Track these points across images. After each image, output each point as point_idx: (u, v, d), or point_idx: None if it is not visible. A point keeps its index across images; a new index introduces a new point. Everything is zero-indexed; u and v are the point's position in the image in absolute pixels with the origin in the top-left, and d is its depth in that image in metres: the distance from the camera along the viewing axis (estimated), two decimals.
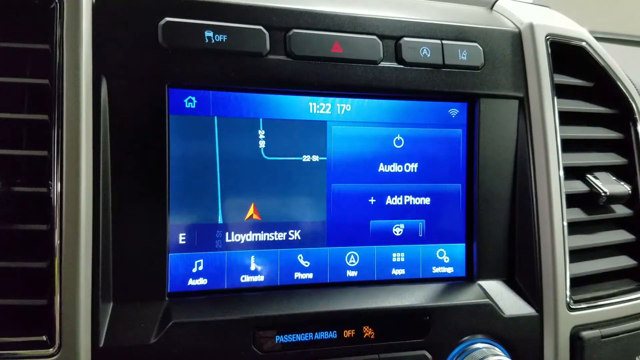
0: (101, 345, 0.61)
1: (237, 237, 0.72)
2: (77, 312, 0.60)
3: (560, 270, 0.78)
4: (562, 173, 0.79)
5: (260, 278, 0.73)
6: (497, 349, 0.74)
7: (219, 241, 0.71)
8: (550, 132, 0.79)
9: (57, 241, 0.60)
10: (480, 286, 0.78)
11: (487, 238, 0.80)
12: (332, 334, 0.70)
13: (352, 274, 0.77)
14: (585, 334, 0.77)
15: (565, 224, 0.79)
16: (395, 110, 0.77)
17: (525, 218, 0.80)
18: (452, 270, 0.81)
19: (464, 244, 0.81)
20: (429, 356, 0.72)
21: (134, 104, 0.65)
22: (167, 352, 0.63)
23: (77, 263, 0.61)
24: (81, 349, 0.60)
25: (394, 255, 0.78)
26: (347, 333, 0.70)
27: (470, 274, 0.80)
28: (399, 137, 0.77)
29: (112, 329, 0.63)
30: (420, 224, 0.79)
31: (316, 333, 0.69)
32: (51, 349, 0.59)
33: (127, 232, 0.65)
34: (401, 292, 0.76)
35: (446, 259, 0.80)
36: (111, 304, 0.65)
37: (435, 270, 0.80)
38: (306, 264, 0.75)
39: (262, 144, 0.72)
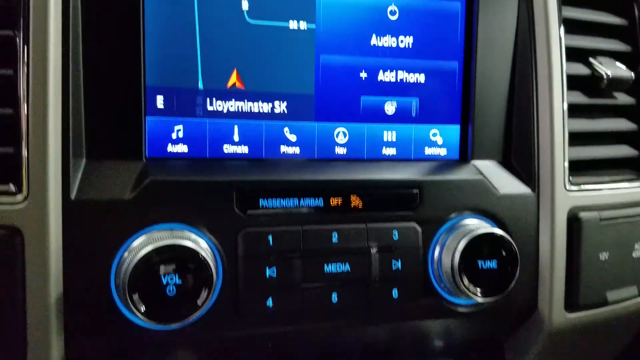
0: (72, 197, 0.58)
1: (219, 105, 0.68)
2: (45, 162, 0.57)
3: (559, 152, 0.74)
4: (564, 53, 0.76)
5: (244, 149, 0.69)
6: (488, 224, 0.71)
7: (200, 108, 0.68)
8: (552, 9, 0.75)
9: (23, 87, 0.56)
10: (474, 165, 0.75)
11: (483, 119, 0.76)
12: (319, 202, 0.66)
13: (340, 151, 0.73)
14: (584, 215, 0.74)
15: (565, 106, 0.75)
16: None
17: (524, 99, 0.76)
18: (446, 152, 0.77)
19: (459, 125, 0.77)
20: (419, 229, 0.69)
21: None
22: (144, 209, 0.60)
23: (46, 111, 0.57)
24: (50, 199, 0.57)
25: (385, 133, 0.75)
26: (334, 201, 0.67)
27: (465, 156, 0.77)
28: (393, 8, 0.73)
29: (84, 183, 0.60)
30: (414, 102, 0.75)
31: (302, 199, 0.66)
32: (19, 196, 0.56)
33: (100, 86, 0.62)
34: (391, 167, 0.72)
35: (439, 140, 0.77)
36: (84, 159, 0.61)
37: (428, 151, 0.77)
38: (293, 138, 0.71)
39: (245, 5, 0.68)
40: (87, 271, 0.58)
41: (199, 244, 0.60)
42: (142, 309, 0.55)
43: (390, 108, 0.75)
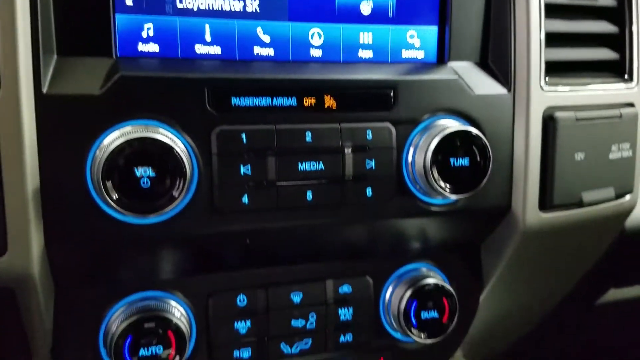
0: (44, 91, 0.58)
1: (189, 3, 0.67)
2: (16, 56, 0.56)
3: (535, 52, 0.74)
4: None
5: (217, 50, 0.69)
6: (462, 124, 0.71)
7: (169, 5, 0.66)
8: None
9: None
10: (451, 67, 0.75)
11: (461, 20, 0.75)
12: (292, 101, 0.66)
13: (316, 53, 0.72)
14: (559, 114, 0.74)
15: (542, 4, 0.74)
16: None
17: None
18: (423, 56, 0.77)
19: (437, 27, 0.76)
20: (392, 129, 0.69)
21: None
22: (114, 104, 0.60)
23: (13, 6, 0.56)
24: (22, 92, 0.57)
25: (361, 35, 0.74)
26: (308, 101, 0.67)
27: (442, 58, 0.76)
28: None
29: (56, 78, 0.60)
30: (391, 2, 0.74)
31: (275, 98, 0.66)
32: None
33: None
34: (367, 69, 0.72)
35: (417, 43, 0.76)
36: (55, 55, 0.61)
37: (405, 54, 0.76)
38: (266, 38, 0.70)
39: None
40: (63, 164, 0.59)
41: (174, 141, 0.60)
42: (115, 196, 0.57)
43: (366, 8, 0.73)
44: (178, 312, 0.70)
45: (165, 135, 0.59)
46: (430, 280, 0.77)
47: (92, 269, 0.68)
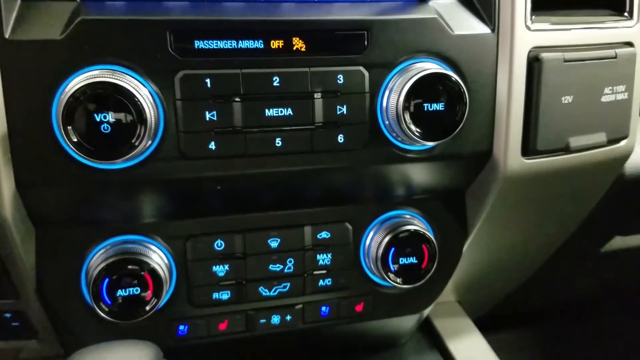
0: (7, 36, 0.58)
1: None
2: None
3: None
4: None
5: None
6: (441, 67, 0.68)
7: None
8: None
9: None
10: (430, 5, 0.71)
11: None
12: (258, 44, 0.65)
13: None
14: (545, 55, 0.70)
15: None
16: None
17: None
18: None
19: None
20: (365, 73, 0.67)
21: None
22: (76, 49, 0.60)
23: None
24: None
25: None
26: (275, 44, 0.65)
27: None
28: None
29: (18, 23, 0.60)
30: None
31: (240, 41, 0.64)
32: None
33: None
34: (341, 9, 0.69)
35: None
36: (18, 1, 0.61)
37: None
38: None
39: None
40: (28, 109, 0.60)
41: (137, 86, 0.60)
42: (74, 139, 0.57)
43: None
44: (157, 256, 0.72)
45: (125, 80, 0.59)
46: (409, 227, 0.77)
47: (68, 211, 0.70)
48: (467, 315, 1.10)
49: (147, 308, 0.68)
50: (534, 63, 0.70)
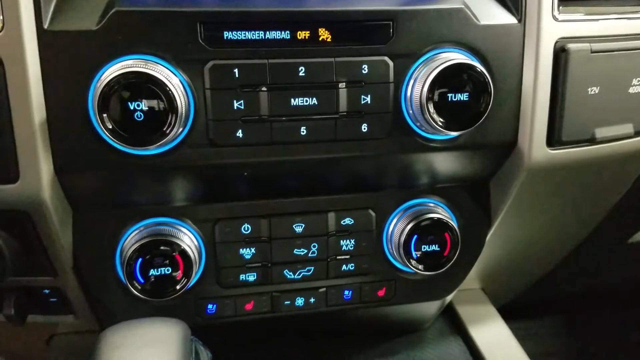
0: (46, 27, 0.61)
1: None
2: None
3: None
4: None
5: None
6: (466, 57, 0.68)
7: None
8: None
9: None
10: None
11: None
12: (285, 34, 0.66)
13: None
14: (572, 46, 0.70)
15: None
16: None
17: None
18: None
19: None
20: (390, 62, 0.68)
21: None
22: (110, 38, 0.62)
23: None
24: (25, 28, 0.60)
25: None
26: (301, 34, 0.66)
27: None
28: None
29: (57, 14, 0.62)
30: None
31: (267, 32, 0.66)
32: None
33: None
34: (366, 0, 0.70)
35: None
36: None
37: None
38: None
39: None
40: (66, 97, 0.63)
41: (169, 76, 0.62)
42: (109, 126, 0.60)
43: None
44: (187, 237, 0.75)
45: (157, 70, 0.61)
46: (432, 215, 0.78)
47: (103, 194, 0.73)
48: (490, 303, 1.11)
49: (178, 287, 0.71)
50: (561, 54, 0.70)
